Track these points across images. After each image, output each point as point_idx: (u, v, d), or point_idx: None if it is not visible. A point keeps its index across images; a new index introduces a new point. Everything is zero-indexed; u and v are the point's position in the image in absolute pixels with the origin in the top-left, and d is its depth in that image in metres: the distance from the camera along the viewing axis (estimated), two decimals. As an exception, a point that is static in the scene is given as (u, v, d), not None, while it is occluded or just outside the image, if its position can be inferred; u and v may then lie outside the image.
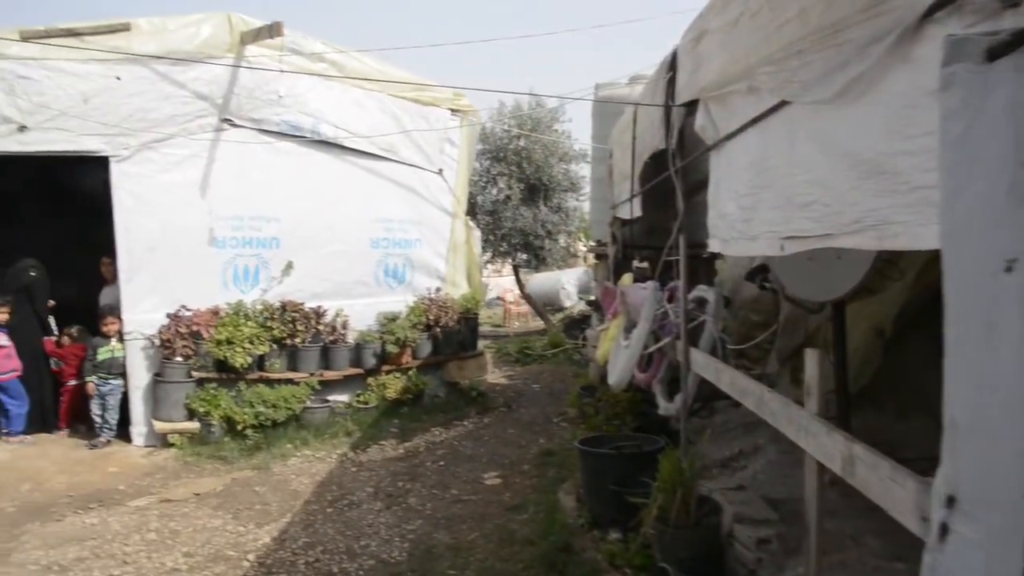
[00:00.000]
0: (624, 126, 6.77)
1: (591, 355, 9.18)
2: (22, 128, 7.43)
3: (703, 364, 4.26)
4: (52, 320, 8.52)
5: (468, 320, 9.48)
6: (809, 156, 2.36)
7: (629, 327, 5.33)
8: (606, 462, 4.74)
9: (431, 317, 9.06)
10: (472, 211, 10.14)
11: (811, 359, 2.72)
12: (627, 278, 6.03)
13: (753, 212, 2.91)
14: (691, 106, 4.21)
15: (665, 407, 5.17)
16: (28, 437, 8.01)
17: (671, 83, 4.50)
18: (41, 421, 8.22)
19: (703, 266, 7.90)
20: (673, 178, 4.50)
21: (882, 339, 5.26)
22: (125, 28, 7.73)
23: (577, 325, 15.43)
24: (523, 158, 15.50)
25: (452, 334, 9.22)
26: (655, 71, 5.23)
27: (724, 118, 3.36)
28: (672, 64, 4.48)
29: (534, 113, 15.58)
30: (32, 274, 8.28)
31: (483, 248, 14.26)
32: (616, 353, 5.44)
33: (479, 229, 10.32)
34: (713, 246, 3.48)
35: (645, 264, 8.43)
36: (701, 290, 5.07)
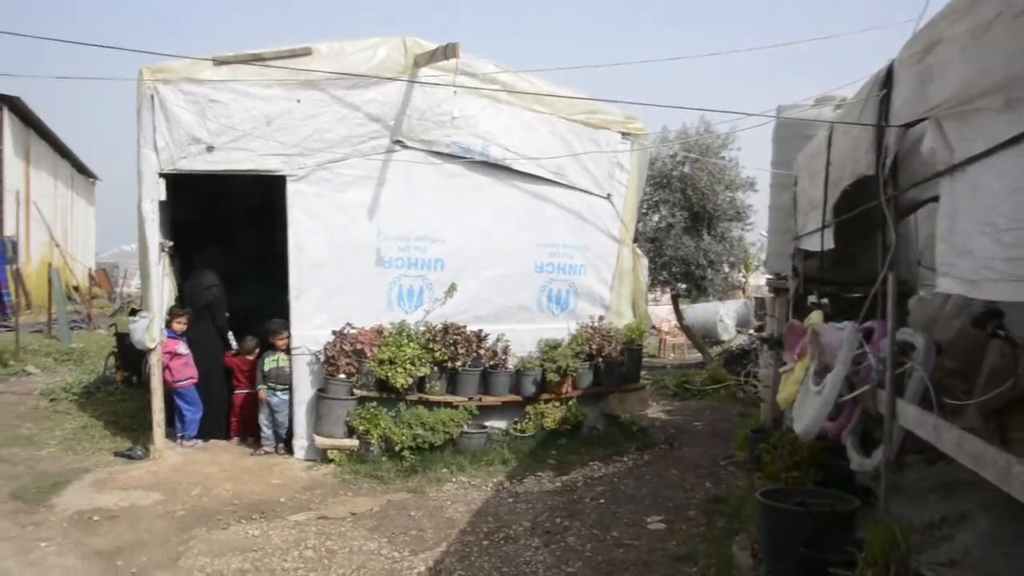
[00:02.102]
0: (814, 152, 6.25)
1: (763, 395, 8.59)
2: (210, 148, 7.79)
3: (917, 419, 3.73)
4: (231, 334, 8.88)
5: (632, 351, 9.07)
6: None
7: (820, 370, 4.82)
8: (794, 520, 4.26)
9: (593, 346, 8.74)
10: (634, 238, 9.78)
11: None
12: (816, 315, 5.50)
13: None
14: (909, 126, 3.74)
15: (859, 462, 4.61)
16: (200, 442, 8.35)
17: (884, 101, 4.03)
18: (213, 428, 8.55)
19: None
20: (884, 208, 4.01)
21: None
22: (306, 53, 7.98)
23: (737, 360, 14.67)
24: (688, 185, 15.01)
25: (614, 365, 8.86)
26: (860, 89, 4.74)
27: (966, 138, 2.88)
28: (887, 80, 4.01)
29: (702, 139, 15.05)
30: (214, 292, 8.66)
31: (647, 276, 13.80)
32: (804, 399, 4.93)
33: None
34: (947, 287, 2.98)
35: (824, 300, 7.79)
36: (906, 333, 4.50)
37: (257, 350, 8.58)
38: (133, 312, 8.69)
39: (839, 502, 4.43)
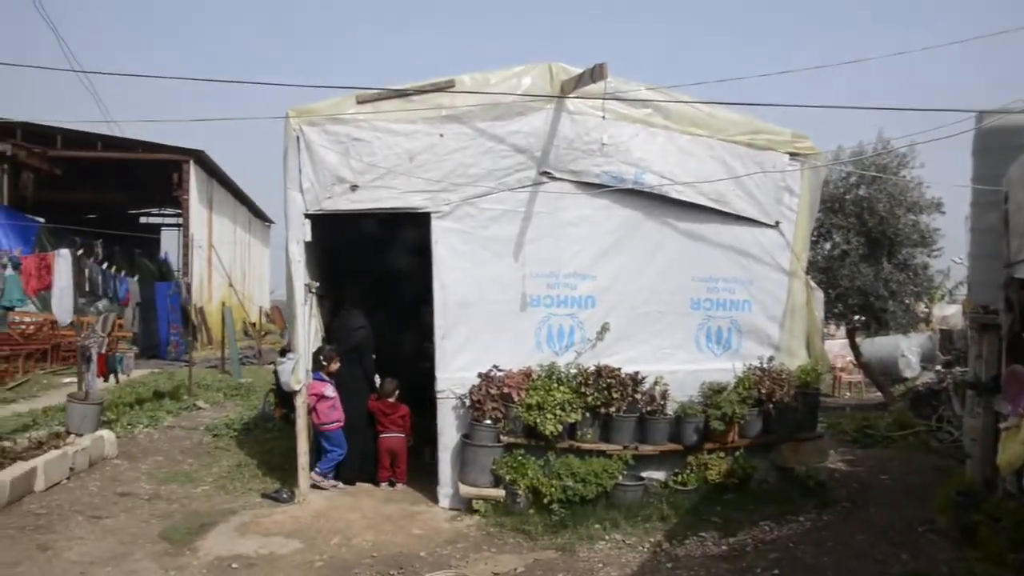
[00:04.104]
0: (1032, 161, 5.28)
1: (969, 449, 7.41)
2: (354, 187, 7.67)
3: None
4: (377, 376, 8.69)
5: (807, 396, 8.04)
6: None
7: (1056, 431, 3.89)
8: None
9: (763, 390, 7.82)
10: (805, 269, 8.77)
11: None
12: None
13: None
14: None
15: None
16: (340, 484, 8.17)
17: None
18: (359, 472, 8.35)
19: None
20: None
21: None
22: (449, 85, 7.74)
23: (926, 401, 13.05)
24: (864, 208, 13.70)
25: (787, 411, 7.88)
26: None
27: None
28: None
29: (878, 159, 13.73)
30: (363, 333, 8.52)
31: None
32: (1035, 465, 4.00)
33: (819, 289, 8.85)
34: None
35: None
36: None
37: (397, 392, 8.33)
38: (283, 352, 8.66)
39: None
